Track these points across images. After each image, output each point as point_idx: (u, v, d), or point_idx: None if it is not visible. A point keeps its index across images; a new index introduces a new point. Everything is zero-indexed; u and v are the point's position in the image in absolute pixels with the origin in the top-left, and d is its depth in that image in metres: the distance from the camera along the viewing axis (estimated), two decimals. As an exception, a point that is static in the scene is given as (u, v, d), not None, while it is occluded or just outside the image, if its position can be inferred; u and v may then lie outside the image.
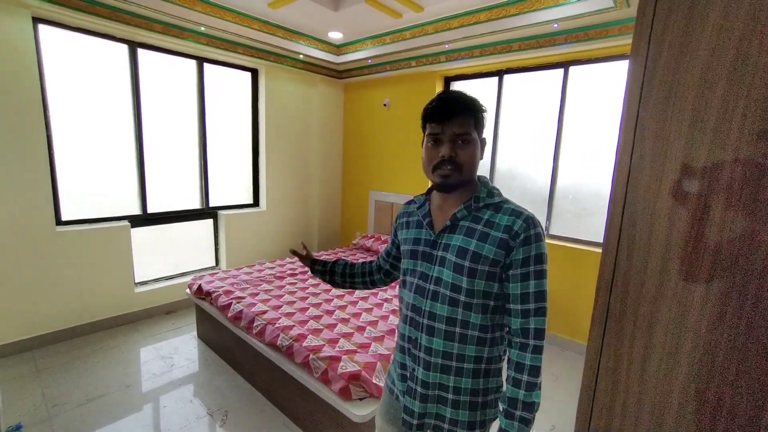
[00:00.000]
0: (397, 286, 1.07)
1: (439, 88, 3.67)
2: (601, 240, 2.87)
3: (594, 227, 2.92)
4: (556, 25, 2.55)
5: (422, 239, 0.99)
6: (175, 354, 2.66)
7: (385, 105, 4.06)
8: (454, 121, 0.89)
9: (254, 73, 3.82)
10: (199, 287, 2.66)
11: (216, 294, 2.51)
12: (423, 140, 0.95)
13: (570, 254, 2.92)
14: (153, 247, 3.31)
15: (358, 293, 2.62)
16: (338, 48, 3.84)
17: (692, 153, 0.54)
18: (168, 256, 3.44)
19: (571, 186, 3.01)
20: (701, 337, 0.54)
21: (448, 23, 2.94)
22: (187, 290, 2.83)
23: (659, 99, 0.57)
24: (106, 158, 2.95)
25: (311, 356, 1.82)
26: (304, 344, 1.90)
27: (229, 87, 3.69)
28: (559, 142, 3.00)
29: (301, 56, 3.74)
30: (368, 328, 2.12)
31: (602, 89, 2.78)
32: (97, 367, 2.45)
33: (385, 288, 2.75)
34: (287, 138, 4.10)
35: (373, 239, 3.82)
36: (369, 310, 2.36)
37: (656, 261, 0.56)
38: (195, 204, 3.56)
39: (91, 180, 2.90)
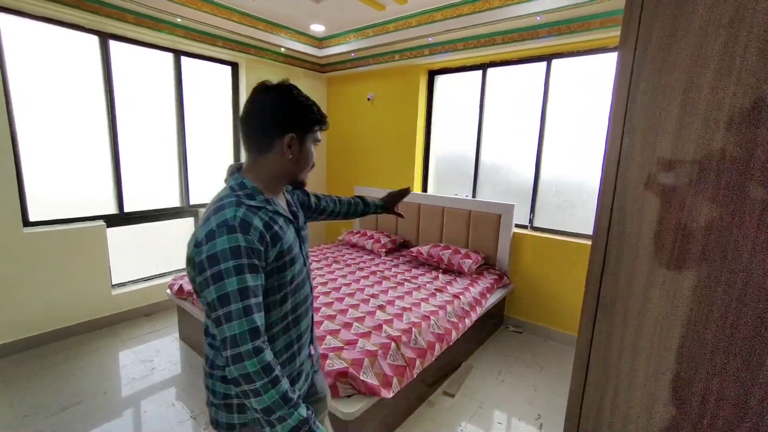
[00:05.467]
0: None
1: (423, 82, 3.65)
2: (583, 231, 2.91)
3: (576, 219, 2.96)
4: (539, 18, 2.55)
5: (293, 237, 0.98)
6: (155, 357, 2.58)
7: (369, 99, 4.01)
8: None
9: (234, 67, 3.71)
10: (180, 287, 2.58)
11: (198, 294, 2.44)
12: (304, 140, 0.96)
13: (553, 246, 2.95)
14: (131, 247, 3.20)
15: (344, 290, 2.59)
16: (320, 41, 3.77)
17: (680, 145, 0.53)
18: (147, 256, 3.33)
19: (555, 178, 3.04)
20: (690, 325, 0.54)
21: (432, 16, 2.92)
22: (168, 291, 2.74)
23: (648, 90, 0.56)
24: (79, 156, 2.82)
25: (297, 355, 1.78)
26: (290, 343, 1.86)
27: (209, 81, 3.58)
28: (543, 134, 3.02)
29: (282, 49, 3.65)
30: (355, 324, 2.09)
31: (584, 82, 2.81)
32: (72, 374, 2.35)
33: (371, 284, 2.73)
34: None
35: (359, 235, 3.79)
36: (356, 306, 2.33)
37: (646, 251, 0.55)
38: (174, 202, 3.44)
39: (63, 179, 2.77)
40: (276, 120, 0.90)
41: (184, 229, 3.55)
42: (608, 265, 0.57)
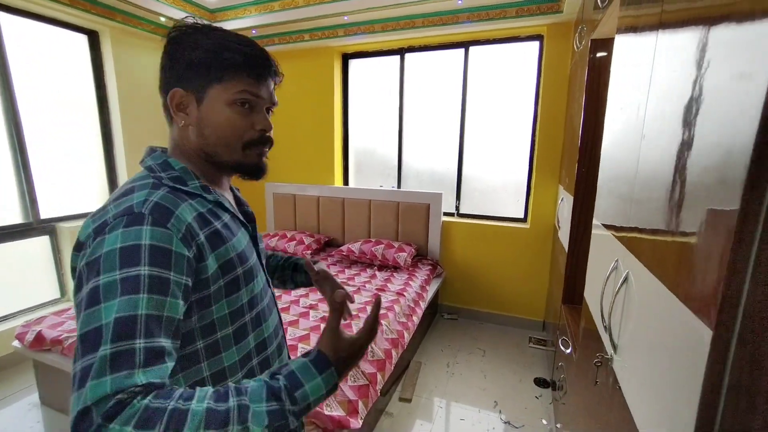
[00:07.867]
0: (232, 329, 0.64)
1: (337, 67, 3.37)
2: (508, 215, 3.05)
3: (499, 202, 3.09)
4: (459, 2, 2.51)
5: (246, 242, 0.68)
6: (5, 438, 1.83)
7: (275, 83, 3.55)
8: (272, 80, 0.67)
9: (94, 38, 2.86)
10: (39, 335, 1.86)
11: (71, 341, 1.79)
12: (202, 95, 0.61)
13: (481, 230, 3.03)
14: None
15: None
16: (213, 13, 3.17)
17: None
18: (-26, 297, 2.37)
19: (478, 165, 3.11)
20: None
21: (348, -9, 2.65)
22: (16, 342, 1.97)
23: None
24: None
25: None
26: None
27: (60, 55, 2.68)
28: (464, 122, 3.05)
29: (162, 19, 2.94)
30: (300, 345, 1.77)
31: (499, 71, 2.90)
32: None
33: (305, 292, 2.41)
34: (151, 124, 3.23)
35: (277, 237, 3.36)
36: (295, 323, 1.99)
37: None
38: (14, 217, 2.52)
39: None
40: (165, 71, 0.63)
41: (35, 253, 2.64)
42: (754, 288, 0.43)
